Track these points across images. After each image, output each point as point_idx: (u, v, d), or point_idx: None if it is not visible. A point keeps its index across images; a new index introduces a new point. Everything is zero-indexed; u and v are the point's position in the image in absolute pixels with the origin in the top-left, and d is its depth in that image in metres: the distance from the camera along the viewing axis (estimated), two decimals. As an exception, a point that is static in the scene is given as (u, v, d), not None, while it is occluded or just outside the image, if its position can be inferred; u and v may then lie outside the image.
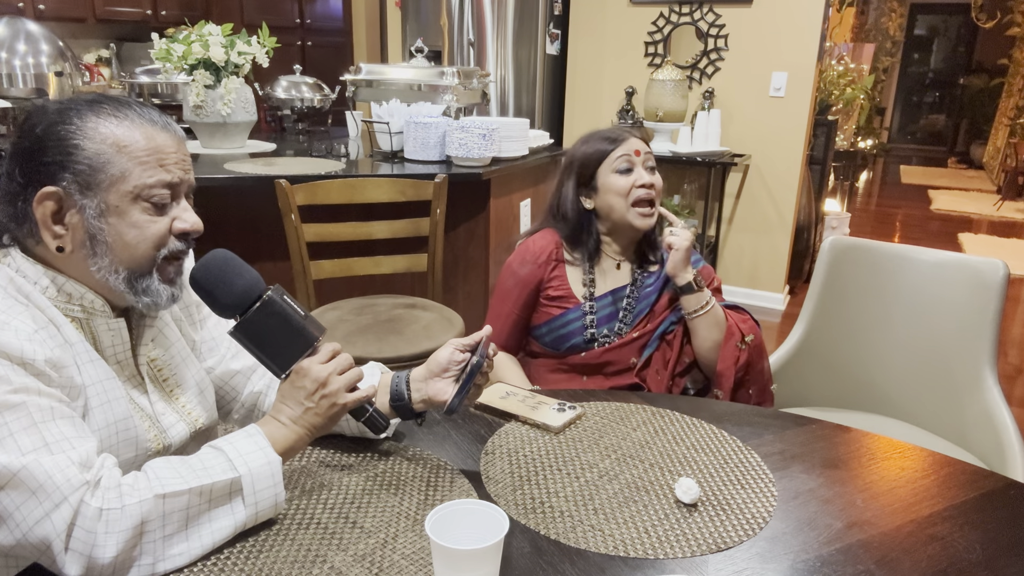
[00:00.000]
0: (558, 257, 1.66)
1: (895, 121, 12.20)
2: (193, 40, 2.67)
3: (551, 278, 1.65)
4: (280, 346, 0.98)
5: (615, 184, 1.59)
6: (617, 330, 1.65)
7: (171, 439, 1.03)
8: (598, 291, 1.65)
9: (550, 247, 1.66)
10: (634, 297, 1.66)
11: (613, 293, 1.66)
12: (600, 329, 1.64)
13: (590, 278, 1.66)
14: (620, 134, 1.63)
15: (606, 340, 1.65)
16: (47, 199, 0.89)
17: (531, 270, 1.65)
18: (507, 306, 1.67)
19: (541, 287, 1.65)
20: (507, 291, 1.67)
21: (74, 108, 0.91)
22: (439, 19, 4.37)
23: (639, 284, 1.67)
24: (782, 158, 4.01)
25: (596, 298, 1.65)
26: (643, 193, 1.59)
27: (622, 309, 1.65)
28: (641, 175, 1.60)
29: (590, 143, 1.64)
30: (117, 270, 0.93)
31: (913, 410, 1.87)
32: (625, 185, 1.59)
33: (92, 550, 0.80)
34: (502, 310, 1.67)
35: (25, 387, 0.82)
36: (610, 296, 1.66)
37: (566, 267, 1.66)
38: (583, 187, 1.63)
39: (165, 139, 0.94)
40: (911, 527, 1.00)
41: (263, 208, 2.34)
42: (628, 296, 1.66)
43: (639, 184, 1.59)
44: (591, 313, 1.64)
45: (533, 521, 0.99)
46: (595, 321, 1.64)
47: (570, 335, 1.64)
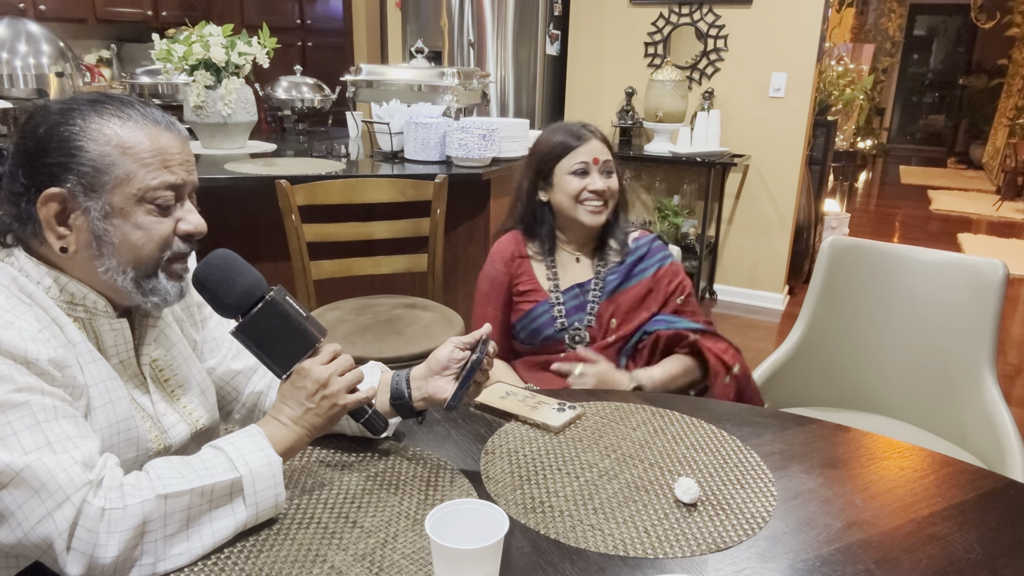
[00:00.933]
0: (522, 254, 1.71)
1: (894, 121, 12.20)
2: (194, 41, 2.67)
3: (518, 274, 1.70)
4: (281, 347, 0.99)
5: (567, 185, 1.64)
6: (587, 322, 1.67)
7: (172, 439, 1.03)
8: (563, 284, 1.70)
9: (512, 245, 1.72)
10: (599, 289, 1.69)
11: (580, 286, 1.69)
12: (570, 320, 1.67)
13: (553, 271, 1.70)
14: (585, 133, 1.66)
15: (576, 333, 1.67)
16: (51, 200, 0.89)
17: (500, 269, 1.70)
18: (489, 309, 1.71)
19: (512, 284, 1.70)
20: (485, 295, 1.72)
21: (77, 108, 0.91)
22: (439, 20, 4.38)
23: (602, 276, 1.70)
24: (782, 158, 4.01)
25: (563, 291, 1.69)
26: (593, 197, 1.64)
27: (589, 302, 1.68)
28: (595, 181, 1.64)
29: (556, 134, 1.67)
30: (124, 271, 0.93)
31: (912, 410, 1.88)
32: (576, 188, 1.63)
33: (94, 550, 0.80)
34: (484, 314, 1.71)
35: (28, 386, 0.82)
36: (577, 288, 1.69)
37: (531, 262, 1.71)
38: (541, 180, 1.68)
39: (169, 140, 0.94)
40: (911, 527, 1.00)
41: (263, 208, 2.34)
42: (594, 288, 1.69)
43: (591, 189, 1.63)
44: (559, 304, 1.68)
45: (533, 521, 0.99)
46: (563, 311, 1.68)
47: (541, 328, 1.67)
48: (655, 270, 1.70)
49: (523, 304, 1.69)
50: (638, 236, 1.75)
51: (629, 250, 1.71)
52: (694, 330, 1.63)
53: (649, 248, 1.72)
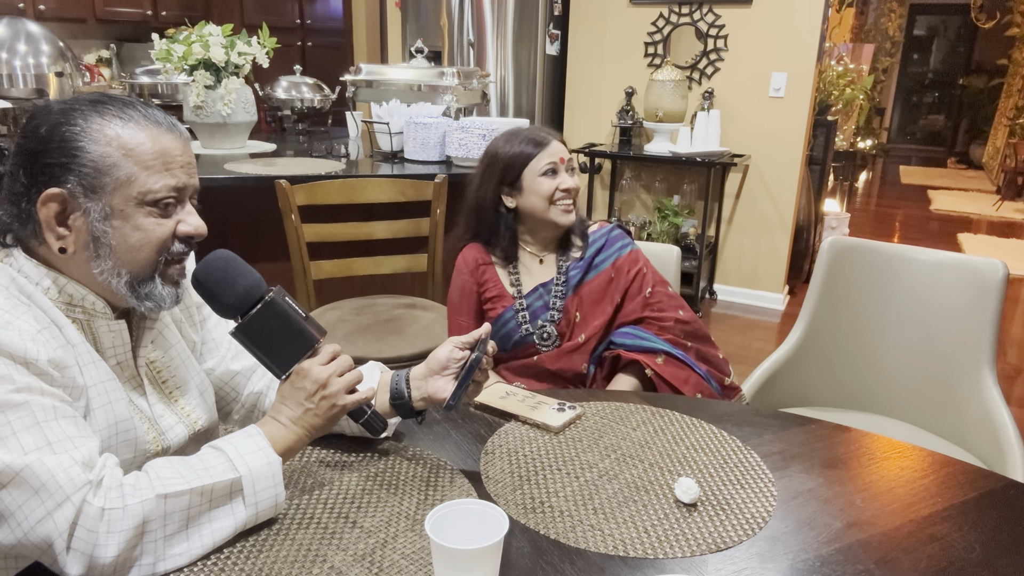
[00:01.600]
0: (485, 261, 1.72)
1: (894, 121, 12.20)
2: (193, 40, 2.67)
3: (483, 281, 1.71)
4: (281, 347, 0.99)
5: (540, 187, 1.64)
6: (551, 317, 1.68)
7: (170, 441, 1.03)
8: (526, 287, 1.70)
9: (475, 253, 1.72)
10: (562, 285, 1.69)
11: (543, 286, 1.70)
12: (535, 323, 1.68)
13: (515, 276, 1.71)
14: (544, 137, 1.67)
15: (543, 331, 1.67)
16: (51, 201, 0.89)
17: (466, 279, 1.71)
18: (463, 319, 1.72)
19: (480, 292, 1.71)
20: (457, 305, 1.73)
21: (78, 109, 0.90)
22: (439, 19, 4.38)
23: (563, 271, 1.70)
24: (782, 158, 4.01)
25: (526, 294, 1.69)
26: (564, 195, 1.66)
27: (553, 298, 1.69)
28: (565, 179, 1.65)
29: (514, 144, 1.67)
30: (120, 273, 0.92)
31: (912, 410, 1.88)
32: (550, 188, 1.64)
33: (94, 549, 0.80)
34: (459, 324, 1.72)
35: (28, 387, 0.82)
36: (540, 289, 1.70)
37: (495, 268, 1.72)
38: (507, 186, 1.67)
39: (171, 141, 0.93)
40: (911, 527, 1.00)
41: (263, 208, 2.34)
42: (556, 285, 1.69)
43: (563, 188, 1.65)
44: (523, 308, 1.68)
45: (533, 521, 0.99)
46: (527, 316, 1.68)
47: (510, 334, 1.68)
48: (614, 259, 1.70)
49: (491, 311, 1.70)
50: (596, 228, 1.75)
51: (588, 243, 1.72)
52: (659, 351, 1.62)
53: (607, 239, 1.72)
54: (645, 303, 1.68)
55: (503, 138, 1.70)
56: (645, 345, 1.63)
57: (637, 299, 1.68)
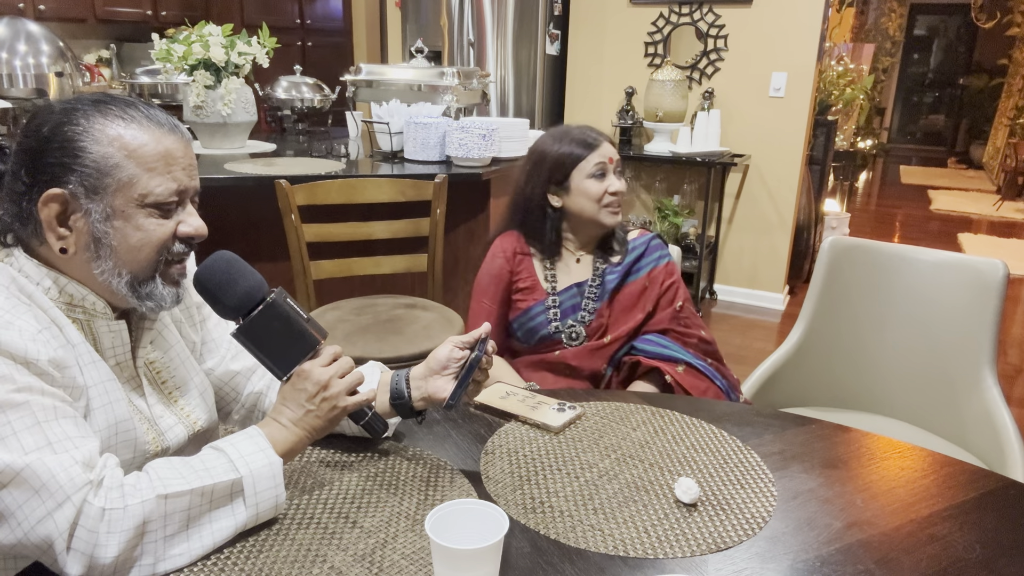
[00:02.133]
0: (524, 251, 1.72)
1: (895, 121, 12.20)
2: (193, 40, 2.67)
3: (519, 270, 1.70)
4: (282, 348, 0.99)
5: (589, 189, 1.64)
6: (582, 319, 1.68)
7: (169, 442, 1.03)
8: (560, 284, 1.70)
9: (514, 242, 1.72)
10: (597, 287, 1.69)
11: (577, 286, 1.70)
12: (564, 321, 1.68)
13: (552, 272, 1.70)
14: (595, 139, 1.66)
15: (572, 331, 1.67)
16: (52, 201, 0.89)
17: (501, 264, 1.71)
18: (485, 304, 1.71)
19: (512, 280, 1.71)
20: (483, 289, 1.72)
21: (80, 108, 0.90)
22: (439, 19, 4.38)
23: (600, 273, 1.70)
24: (782, 158, 4.01)
25: (559, 291, 1.69)
26: (614, 199, 1.66)
27: (586, 299, 1.69)
28: (613, 182, 1.65)
29: (564, 144, 1.66)
30: (120, 273, 0.92)
31: (913, 410, 1.87)
32: (599, 191, 1.64)
33: (94, 550, 0.80)
34: (481, 309, 1.71)
35: (28, 386, 0.82)
36: (574, 288, 1.69)
37: (532, 260, 1.72)
38: (554, 185, 1.67)
39: (173, 143, 0.93)
40: (911, 527, 1.00)
41: (263, 208, 2.34)
42: (591, 286, 1.69)
43: (612, 191, 1.65)
44: (555, 306, 1.68)
45: (533, 521, 0.99)
46: (559, 313, 1.68)
47: (538, 328, 1.68)
48: (650, 268, 1.70)
49: (521, 302, 1.70)
50: (636, 236, 1.75)
51: (628, 249, 1.72)
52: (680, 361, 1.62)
53: (647, 247, 1.72)
54: (674, 315, 1.69)
55: (552, 137, 1.70)
56: (667, 353, 1.63)
57: (667, 310, 1.69)
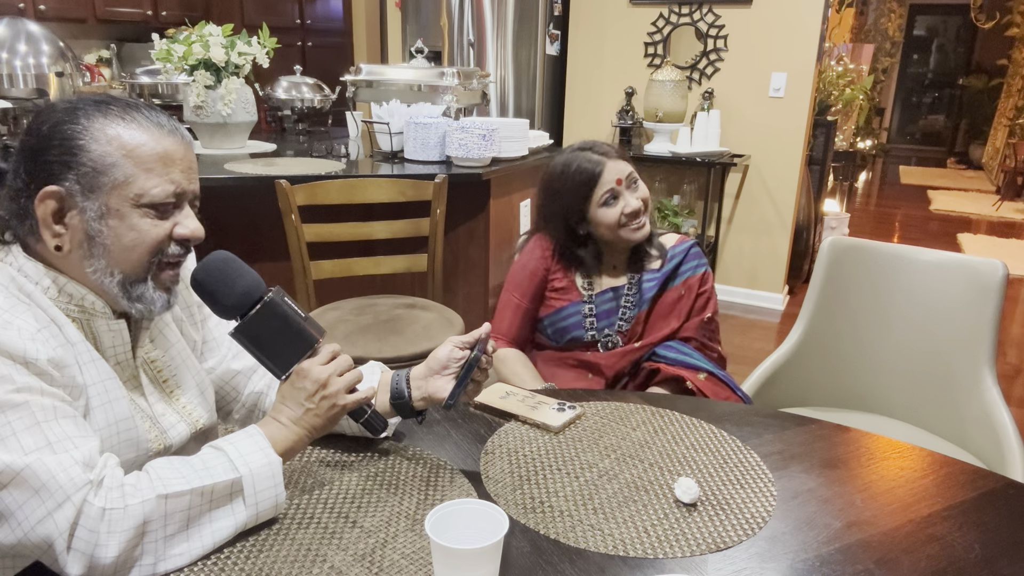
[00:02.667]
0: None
1: (894, 121, 12.20)
2: (193, 41, 2.67)
3: (557, 270, 1.69)
4: (280, 347, 0.99)
5: (604, 218, 1.61)
6: (618, 327, 1.67)
7: (171, 440, 1.03)
8: (597, 288, 1.69)
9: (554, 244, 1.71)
10: (633, 294, 1.68)
11: (614, 290, 1.68)
12: (601, 326, 1.67)
13: (588, 281, 1.70)
14: (598, 164, 1.60)
15: (609, 340, 1.66)
16: (49, 198, 0.89)
17: (539, 262, 1.70)
18: (516, 296, 1.70)
19: (548, 277, 1.69)
20: (517, 282, 1.71)
21: (82, 108, 0.90)
22: (439, 20, 4.38)
23: (637, 281, 1.69)
24: (781, 158, 4.01)
25: (596, 296, 1.68)
26: (632, 218, 1.61)
27: (622, 306, 1.67)
28: (628, 202, 1.61)
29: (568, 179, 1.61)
30: (112, 273, 0.92)
31: (912, 410, 1.88)
32: (614, 217, 1.61)
33: (94, 550, 0.80)
34: (511, 300, 1.71)
35: (28, 386, 0.82)
36: (611, 292, 1.68)
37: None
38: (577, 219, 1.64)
39: (172, 144, 0.93)
40: (910, 527, 1.00)
41: (263, 208, 2.34)
42: (627, 293, 1.68)
43: (627, 212, 1.60)
44: (591, 315, 1.67)
45: (533, 521, 0.99)
46: (595, 321, 1.67)
47: (569, 328, 1.67)
48: (687, 276, 1.69)
49: (555, 301, 1.68)
50: (676, 243, 1.72)
51: (667, 256, 1.69)
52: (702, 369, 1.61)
53: (687, 254, 1.70)
54: (702, 325, 1.67)
55: (557, 168, 1.64)
56: (689, 361, 1.62)
57: (697, 319, 1.68)
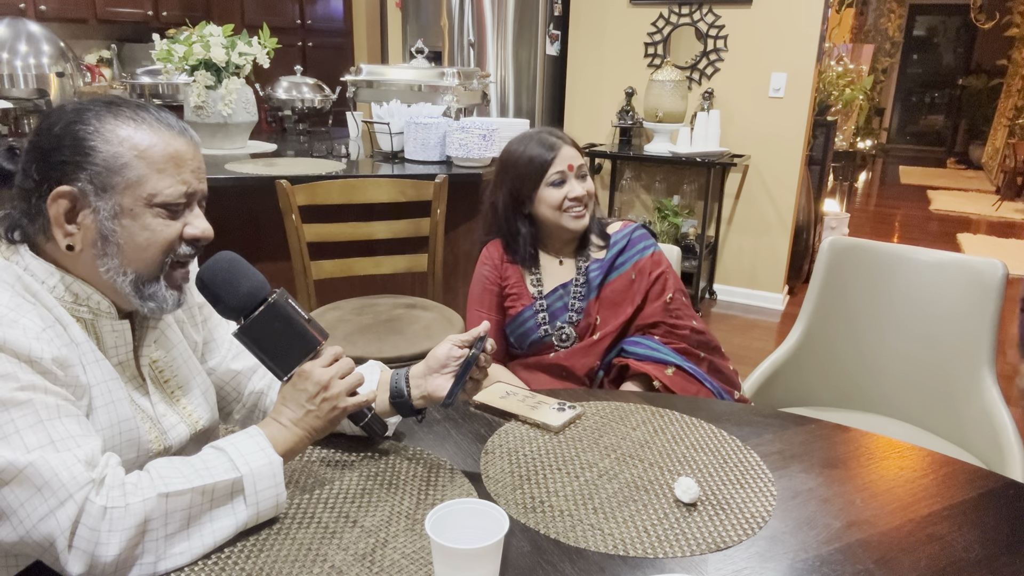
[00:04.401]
0: (509, 259, 1.72)
1: (894, 122, 12.20)
2: (194, 41, 2.67)
3: (507, 277, 1.71)
4: (283, 349, 0.99)
5: (548, 197, 1.64)
6: (571, 319, 1.68)
7: (172, 440, 1.04)
8: (546, 287, 1.70)
9: (500, 250, 1.72)
10: (581, 285, 1.69)
11: (563, 287, 1.69)
12: (554, 323, 1.68)
13: (536, 276, 1.71)
14: (553, 144, 1.65)
15: (562, 333, 1.67)
16: (61, 198, 0.89)
17: (490, 271, 1.72)
18: (482, 313, 1.72)
19: (502, 287, 1.71)
20: (477, 298, 1.73)
21: (92, 109, 0.91)
22: (439, 20, 4.38)
23: (584, 272, 1.70)
24: (781, 158, 4.01)
25: (546, 295, 1.69)
26: (574, 204, 1.64)
27: (572, 299, 1.69)
28: (573, 188, 1.64)
29: (523, 153, 1.66)
30: (125, 272, 0.93)
31: (912, 410, 1.88)
32: (558, 198, 1.63)
33: (95, 548, 0.81)
34: (479, 316, 1.71)
35: (32, 385, 0.83)
36: (560, 290, 1.69)
37: (518, 267, 1.72)
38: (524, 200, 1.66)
39: (182, 146, 0.94)
40: (910, 526, 1.00)
41: (264, 208, 2.34)
42: (575, 285, 1.69)
43: (571, 197, 1.63)
44: (543, 310, 1.68)
45: (533, 520, 0.99)
46: (547, 317, 1.68)
47: (528, 333, 1.69)
48: (635, 260, 1.69)
49: (511, 308, 1.70)
50: (618, 228, 1.73)
51: (610, 244, 1.71)
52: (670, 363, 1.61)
53: (629, 239, 1.71)
54: (664, 307, 1.67)
55: (514, 144, 1.69)
56: (656, 356, 1.61)
57: (657, 302, 1.67)
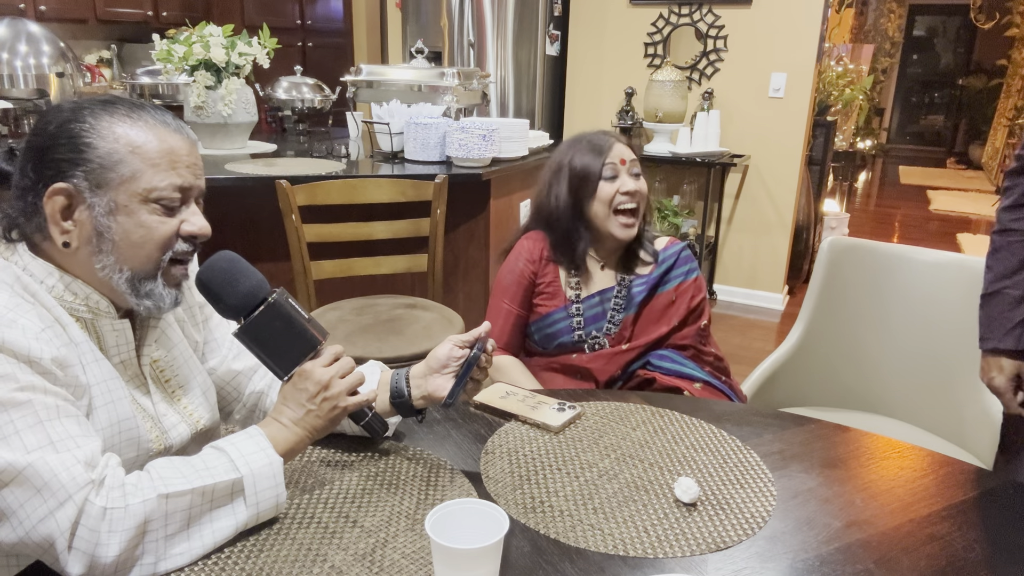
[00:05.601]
0: (549, 255, 1.69)
1: (894, 122, 12.20)
2: (194, 41, 2.67)
3: (544, 274, 1.68)
4: (283, 348, 0.99)
5: (600, 191, 1.62)
6: (606, 330, 1.66)
7: (172, 440, 1.04)
8: (584, 292, 1.68)
9: (542, 245, 1.69)
10: (622, 297, 1.67)
11: (600, 294, 1.67)
12: (588, 329, 1.66)
13: (576, 280, 1.68)
14: (607, 141, 1.64)
15: (595, 341, 1.66)
16: (57, 195, 0.90)
17: (525, 265, 1.68)
18: (505, 303, 1.69)
19: (535, 283, 1.68)
20: (505, 288, 1.69)
21: (88, 107, 0.92)
22: (439, 20, 4.38)
23: (626, 284, 1.68)
24: (781, 159, 4.01)
25: (583, 299, 1.67)
26: (626, 200, 1.62)
27: (610, 309, 1.67)
28: (625, 182, 1.62)
29: (577, 152, 1.64)
30: (121, 269, 0.93)
31: (912, 410, 1.88)
32: (609, 192, 1.61)
33: (95, 549, 0.81)
34: (500, 307, 1.69)
35: (31, 385, 0.83)
36: (597, 296, 1.67)
37: (558, 266, 1.69)
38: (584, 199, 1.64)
39: (178, 142, 0.94)
40: (910, 526, 1.00)
41: (264, 209, 2.35)
42: (616, 296, 1.67)
43: (623, 191, 1.62)
44: (578, 315, 1.66)
45: (533, 520, 0.99)
46: (582, 322, 1.66)
47: (557, 334, 1.66)
48: (679, 282, 1.67)
49: (541, 307, 1.67)
50: (666, 245, 1.71)
51: (658, 260, 1.69)
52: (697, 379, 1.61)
53: (678, 258, 1.69)
54: (698, 332, 1.67)
55: (567, 146, 1.68)
56: (684, 371, 1.61)
57: (693, 327, 1.67)
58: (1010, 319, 1.37)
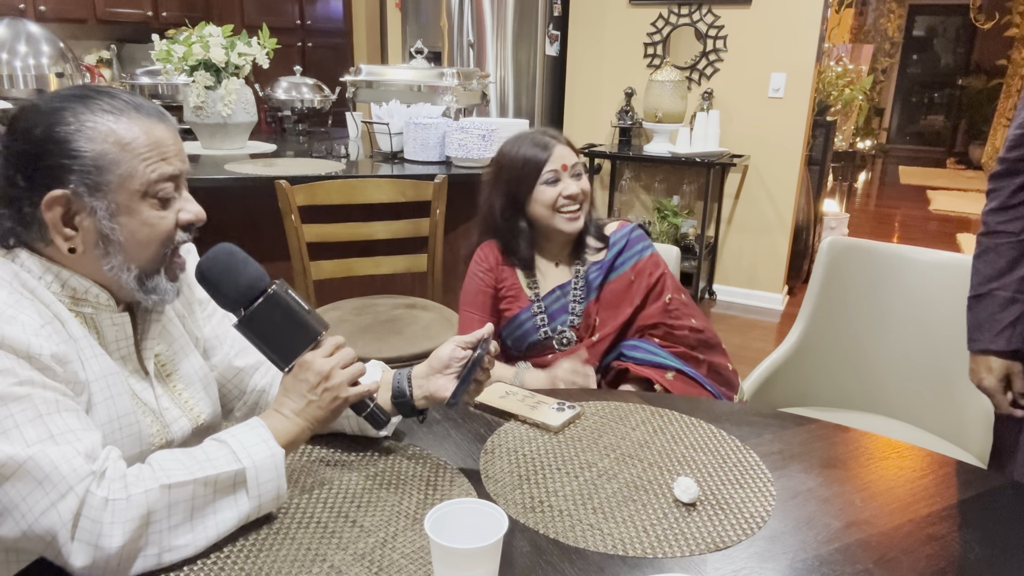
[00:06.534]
0: (504, 261, 1.70)
1: (894, 122, 12.19)
2: (193, 41, 2.67)
3: (503, 279, 1.70)
4: (284, 339, 0.99)
5: (542, 196, 1.63)
6: (570, 323, 1.67)
7: (174, 434, 1.04)
8: (543, 289, 1.69)
9: (494, 252, 1.71)
10: (580, 288, 1.68)
11: (560, 288, 1.69)
12: (553, 325, 1.67)
13: (533, 279, 1.70)
14: (548, 143, 1.64)
15: (563, 336, 1.67)
16: (56, 203, 0.89)
17: (485, 274, 1.70)
18: (474, 314, 1.70)
19: (497, 289, 1.70)
20: (471, 300, 1.71)
21: (68, 107, 0.90)
22: (439, 20, 4.38)
23: (582, 275, 1.69)
24: (781, 159, 4.01)
25: (543, 296, 1.68)
26: (569, 203, 1.63)
27: (571, 302, 1.68)
28: (568, 186, 1.63)
29: (518, 152, 1.65)
30: (129, 268, 0.94)
31: (911, 410, 1.88)
32: (552, 197, 1.62)
33: (98, 540, 0.81)
34: (472, 319, 1.70)
35: (31, 380, 0.83)
36: (558, 291, 1.69)
37: (515, 269, 1.71)
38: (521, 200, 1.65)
39: (163, 131, 0.94)
40: (909, 527, 1.00)
41: (263, 209, 2.34)
42: (574, 288, 1.68)
43: (566, 195, 1.62)
44: (541, 312, 1.67)
45: (532, 520, 0.99)
46: (546, 319, 1.68)
47: (525, 335, 1.68)
48: (635, 262, 1.68)
49: (507, 311, 1.69)
50: (615, 229, 1.72)
51: (609, 244, 1.70)
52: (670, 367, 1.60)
53: (627, 240, 1.70)
54: (664, 309, 1.66)
55: (508, 145, 1.68)
56: (656, 360, 1.61)
57: (656, 304, 1.66)
58: (1000, 320, 1.38)
